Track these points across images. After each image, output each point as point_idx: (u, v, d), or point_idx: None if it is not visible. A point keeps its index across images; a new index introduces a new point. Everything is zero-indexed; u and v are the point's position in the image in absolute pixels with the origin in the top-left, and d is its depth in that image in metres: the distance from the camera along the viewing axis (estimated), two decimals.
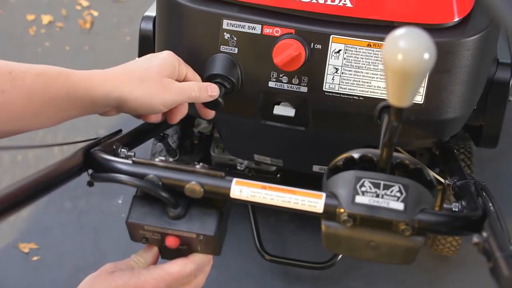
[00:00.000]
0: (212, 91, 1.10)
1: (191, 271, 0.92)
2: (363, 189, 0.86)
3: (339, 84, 1.17)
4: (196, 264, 0.93)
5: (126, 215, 0.94)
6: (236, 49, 1.19)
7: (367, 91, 1.17)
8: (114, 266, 0.90)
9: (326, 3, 1.15)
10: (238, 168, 1.74)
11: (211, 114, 1.17)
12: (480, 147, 1.51)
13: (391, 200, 0.85)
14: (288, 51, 1.13)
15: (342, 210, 0.85)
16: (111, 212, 2.11)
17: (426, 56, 0.70)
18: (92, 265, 1.97)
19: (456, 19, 1.15)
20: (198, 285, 0.95)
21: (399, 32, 0.71)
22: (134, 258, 0.94)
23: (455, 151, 1.56)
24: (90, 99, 0.96)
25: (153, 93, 1.00)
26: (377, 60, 1.15)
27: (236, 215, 1.83)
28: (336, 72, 1.16)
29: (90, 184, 0.95)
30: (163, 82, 1.02)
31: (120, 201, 2.13)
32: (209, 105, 1.14)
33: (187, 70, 1.10)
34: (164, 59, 1.05)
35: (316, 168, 1.54)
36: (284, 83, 1.19)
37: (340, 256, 1.82)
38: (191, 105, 1.14)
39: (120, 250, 2.00)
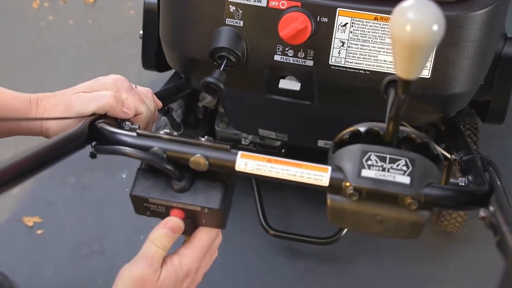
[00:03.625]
0: (127, 108, 1.00)
1: (217, 233, 0.96)
2: (369, 162, 0.86)
3: (345, 58, 1.16)
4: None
5: (130, 189, 0.93)
6: (242, 22, 1.17)
7: (374, 65, 1.16)
8: (154, 272, 0.89)
9: None
10: (243, 143, 1.73)
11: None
12: (486, 123, 1.50)
13: (397, 174, 0.85)
14: (294, 24, 1.12)
15: (348, 184, 0.85)
16: (115, 187, 2.11)
17: (435, 27, 0.69)
18: (96, 239, 1.98)
19: None
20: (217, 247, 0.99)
21: (408, 3, 0.70)
22: (156, 242, 0.92)
23: (461, 127, 1.55)
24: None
25: (60, 112, 0.99)
26: (384, 33, 1.14)
27: (240, 191, 1.83)
28: (342, 45, 1.15)
29: (92, 155, 0.94)
30: (71, 96, 0.99)
31: (124, 176, 2.13)
32: (209, 91, 1.13)
33: (127, 96, 1.02)
34: (93, 81, 1.03)
35: (321, 143, 1.54)
36: (290, 56, 1.18)
37: (344, 232, 1.82)
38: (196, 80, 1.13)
39: (123, 224, 2.00)
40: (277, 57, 1.19)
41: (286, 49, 1.18)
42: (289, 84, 1.22)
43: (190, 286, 0.94)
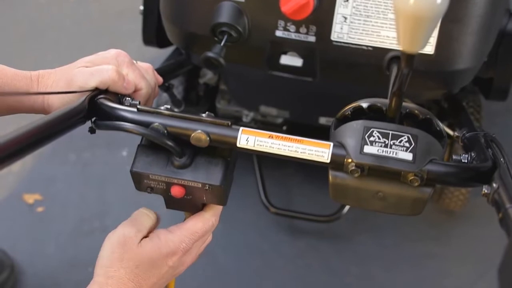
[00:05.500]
0: (127, 83, 0.99)
1: (214, 224, 0.94)
2: (372, 139, 0.85)
3: (347, 34, 1.15)
4: (216, 215, 0.95)
5: (130, 166, 0.93)
6: None
7: (376, 41, 1.14)
8: (137, 231, 0.90)
9: None
10: (244, 120, 1.73)
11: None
12: (489, 100, 1.49)
13: (400, 150, 0.84)
14: None
15: (349, 160, 0.84)
16: (115, 164, 2.11)
17: (439, 0, 0.68)
18: (97, 216, 1.98)
19: None
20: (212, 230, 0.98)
21: None
22: (145, 210, 0.93)
23: (464, 104, 1.54)
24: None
25: (61, 88, 0.97)
26: (386, 9, 1.12)
27: (241, 168, 1.83)
28: (344, 21, 1.14)
29: (91, 130, 0.93)
30: (73, 71, 0.98)
31: (124, 153, 2.13)
32: (209, 65, 1.11)
33: (128, 71, 1.01)
34: (94, 56, 1.01)
35: (322, 120, 1.53)
36: (292, 32, 1.17)
37: (345, 209, 1.82)
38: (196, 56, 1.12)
39: (124, 202, 2.00)
40: (278, 33, 1.17)
41: (288, 24, 1.17)
42: (291, 60, 1.21)
43: (178, 268, 0.93)
